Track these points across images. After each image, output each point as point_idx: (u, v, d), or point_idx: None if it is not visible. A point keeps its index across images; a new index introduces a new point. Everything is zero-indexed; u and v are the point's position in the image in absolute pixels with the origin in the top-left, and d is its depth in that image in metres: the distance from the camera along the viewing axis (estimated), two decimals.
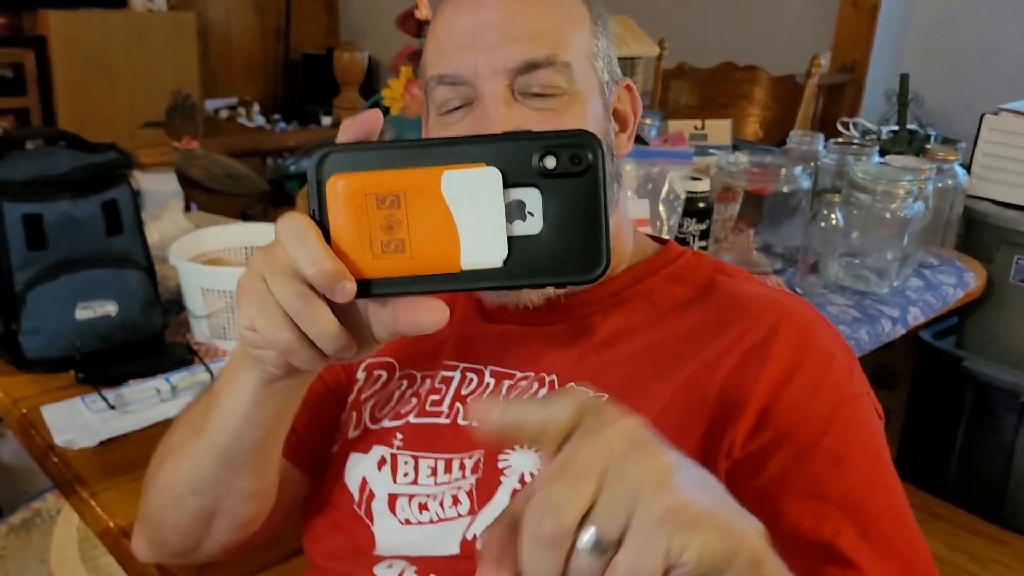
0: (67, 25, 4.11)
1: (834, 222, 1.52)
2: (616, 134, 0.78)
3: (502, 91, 0.69)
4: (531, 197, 0.47)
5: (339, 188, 0.48)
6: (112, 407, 1.08)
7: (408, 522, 0.71)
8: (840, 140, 1.94)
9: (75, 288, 1.16)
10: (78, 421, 1.06)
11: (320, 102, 4.50)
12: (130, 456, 0.99)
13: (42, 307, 1.15)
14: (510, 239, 0.47)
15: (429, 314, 0.49)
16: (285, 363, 0.54)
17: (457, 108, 0.72)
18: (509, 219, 0.47)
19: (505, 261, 0.47)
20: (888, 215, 1.57)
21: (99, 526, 0.91)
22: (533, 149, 0.47)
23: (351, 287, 0.48)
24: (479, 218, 0.47)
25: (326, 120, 4.25)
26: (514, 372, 0.74)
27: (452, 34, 0.71)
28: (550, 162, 0.47)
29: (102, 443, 1.02)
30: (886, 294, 1.58)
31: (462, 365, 0.77)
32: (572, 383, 0.71)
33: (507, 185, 0.47)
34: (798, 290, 1.54)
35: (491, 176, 0.46)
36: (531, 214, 0.47)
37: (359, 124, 0.50)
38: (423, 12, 1.54)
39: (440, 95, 0.72)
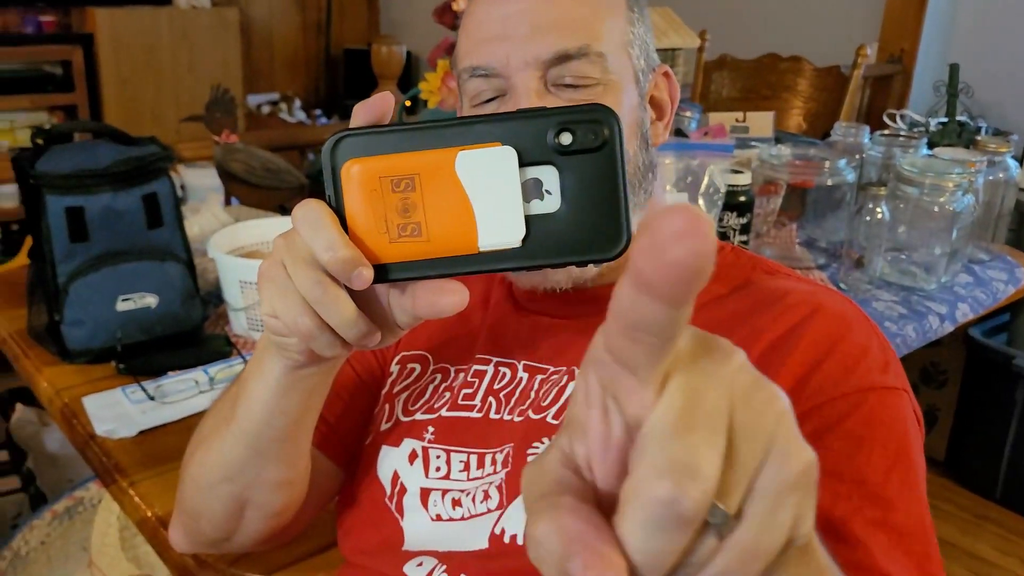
0: (114, 22, 4.18)
1: (880, 216, 1.48)
2: (652, 122, 0.76)
3: (535, 82, 0.68)
4: (548, 175, 0.46)
5: (354, 173, 0.47)
6: (152, 398, 1.09)
7: (439, 518, 0.70)
8: (887, 132, 1.90)
9: (116, 280, 1.18)
10: (118, 411, 1.07)
11: (361, 96, 4.42)
12: (168, 447, 1.00)
13: (84, 299, 1.17)
14: (528, 218, 0.46)
15: (449, 296, 0.48)
16: (308, 350, 0.54)
17: (491, 100, 0.71)
18: (526, 198, 0.46)
19: (523, 241, 0.46)
20: (936, 209, 1.53)
21: (137, 515, 0.92)
22: (548, 126, 0.45)
23: (368, 273, 0.47)
24: (496, 198, 0.46)
25: None
26: (547, 367, 0.73)
27: (484, 25, 0.70)
28: (566, 138, 0.45)
29: (141, 433, 1.03)
30: (934, 290, 1.54)
31: (495, 359, 0.76)
32: None
33: (523, 164, 0.46)
34: (842, 286, 1.51)
35: (506, 155, 0.45)
36: (548, 192, 0.46)
37: (370, 107, 0.49)
38: (460, 4, 1.53)
39: (473, 87, 0.71)
